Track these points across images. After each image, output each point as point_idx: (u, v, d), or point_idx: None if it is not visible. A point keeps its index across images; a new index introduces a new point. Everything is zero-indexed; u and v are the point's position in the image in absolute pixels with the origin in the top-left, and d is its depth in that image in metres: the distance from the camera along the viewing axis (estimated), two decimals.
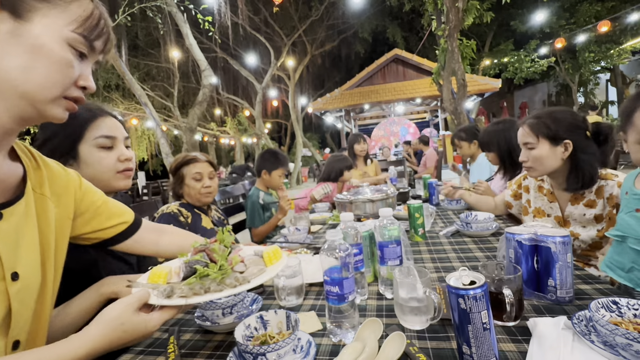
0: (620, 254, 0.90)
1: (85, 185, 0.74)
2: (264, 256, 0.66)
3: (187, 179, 1.42)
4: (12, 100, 0.48)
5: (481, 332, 0.51)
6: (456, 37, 5.99)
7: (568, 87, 12.65)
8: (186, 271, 0.61)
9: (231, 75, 14.84)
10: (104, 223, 0.75)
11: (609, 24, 8.30)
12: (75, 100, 0.54)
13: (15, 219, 0.54)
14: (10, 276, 0.51)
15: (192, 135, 7.43)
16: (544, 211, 1.28)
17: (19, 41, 0.46)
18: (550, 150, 1.12)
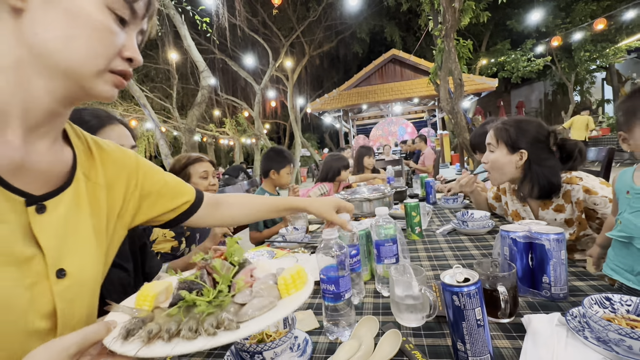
0: (626, 257, 0.89)
1: (144, 165, 0.67)
2: (279, 283, 0.48)
3: (193, 178, 1.47)
4: (54, 78, 0.43)
5: (475, 328, 0.52)
6: (453, 37, 6.02)
7: (564, 86, 12.69)
8: (175, 296, 0.46)
9: (230, 76, 14.84)
10: (169, 204, 0.69)
11: (604, 22, 8.34)
12: (122, 75, 0.49)
13: (62, 210, 0.48)
14: (55, 274, 0.46)
15: (191, 136, 7.43)
16: (519, 214, 1.30)
17: (54, 7, 0.41)
18: (506, 156, 1.18)
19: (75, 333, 0.38)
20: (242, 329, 0.39)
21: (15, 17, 0.41)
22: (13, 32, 0.41)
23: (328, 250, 0.73)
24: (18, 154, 0.44)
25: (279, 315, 0.41)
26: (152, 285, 0.49)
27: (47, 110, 0.46)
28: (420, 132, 7.70)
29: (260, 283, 0.48)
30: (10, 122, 0.43)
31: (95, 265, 0.52)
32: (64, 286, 0.47)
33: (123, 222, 0.62)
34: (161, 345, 0.37)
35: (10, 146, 0.44)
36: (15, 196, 0.43)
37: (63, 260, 0.47)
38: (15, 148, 0.44)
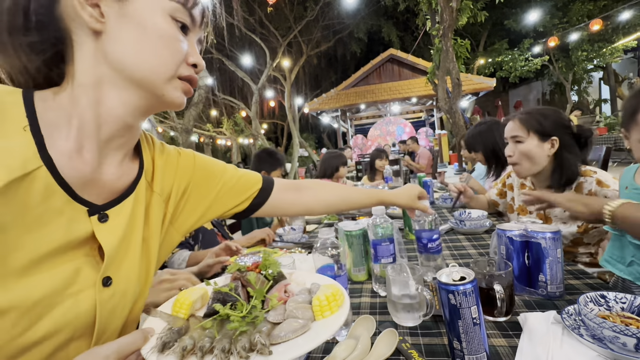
0: (620, 249, 0.90)
1: (201, 165, 0.66)
2: (313, 304, 0.45)
3: None
4: (128, 89, 0.46)
5: (471, 327, 0.52)
6: (450, 37, 6.03)
7: (562, 86, 12.74)
8: (209, 307, 0.46)
9: (227, 76, 14.81)
10: (234, 200, 0.68)
11: (601, 22, 8.38)
12: (189, 81, 0.51)
13: (122, 219, 0.49)
14: (101, 281, 0.46)
15: (188, 136, 7.41)
16: (527, 209, 1.30)
17: (126, 22, 0.44)
18: (538, 145, 1.14)
19: (115, 342, 0.39)
20: (274, 356, 0.37)
21: (95, 40, 0.44)
22: (94, 52, 0.44)
23: (325, 250, 0.73)
24: (91, 168, 0.46)
25: (312, 344, 0.39)
26: (189, 292, 0.49)
27: (121, 123, 0.48)
28: (411, 135, 7.71)
29: (294, 301, 0.47)
30: (89, 137, 0.46)
31: (138, 274, 0.52)
32: (108, 294, 0.47)
33: (178, 228, 0.61)
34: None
35: (85, 161, 0.46)
36: (80, 206, 0.45)
37: (111, 269, 0.47)
38: (89, 163, 0.46)
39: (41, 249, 0.40)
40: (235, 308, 0.44)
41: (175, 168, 0.61)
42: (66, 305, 0.42)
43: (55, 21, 0.44)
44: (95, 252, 0.47)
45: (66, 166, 0.43)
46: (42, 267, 0.41)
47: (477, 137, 1.92)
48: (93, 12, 0.43)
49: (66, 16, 0.44)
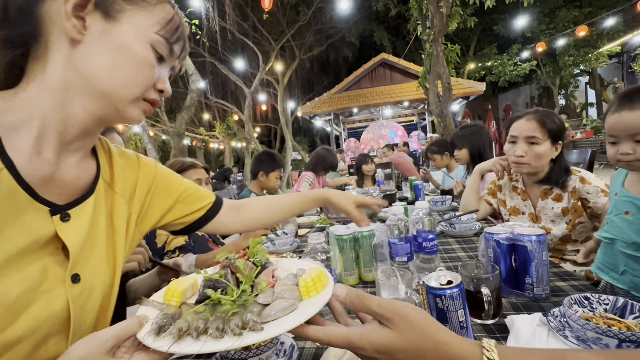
0: (611, 257, 0.91)
1: (163, 173, 0.71)
2: (300, 286, 0.47)
3: None
4: (94, 99, 0.49)
5: (458, 330, 0.52)
6: (441, 42, 6.12)
7: (549, 90, 13.01)
8: (201, 293, 0.47)
9: (219, 79, 14.77)
10: (187, 208, 0.72)
11: (586, 28, 8.61)
12: (152, 103, 0.55)
13: (84, 218, 0.51)
14: (70, 278, 0.48)
15: (180, 140, 7.34)
16: (518, 209, 1.33)
17: (108, 41, 0.47)
18: (550, 149, 1.16)
19: (112, 327, 0.41)
20: (266, 331, 0.40)
21: (71, 47, 0.46)
22: (67, 58, 0.46)
23: (315, 255, 0.73)
24: (50, 168, 0.48)
25: (300, 318, 0.41)
26: (180, 282, 0.50)
27: (82, 128, 0.50)
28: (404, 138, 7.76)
29: (281, 284, 0.49)
30: (49, 138, 0.48)
31: (105, 271, 0.54)
32: (78, 291, 0.49)
33: (140, 229, 0.65)
34: (191, 343, 0.39)
35: (45, 161, 0.48)
36: (42, 206, 0.46)
37: (78, 266, 0.50)
38: (49, 163, 0.48)
39: (8, 250, 0.42)
40: (226, 294, 0.45)
41: (136, 171, 0.65)
42: (41, 303, 0.44)
43: (35, 20, 0.45)
44: (60, 251, 0.48)
45: (26, 166, 0.45)
46: (12, 267, 0.42)
47: (468, 136, 2.00)
48: (77, 23, 0.45)
49: (48, 18, 0.45)
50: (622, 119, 0.83)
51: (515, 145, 1.19)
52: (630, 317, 0.58)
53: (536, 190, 1.26)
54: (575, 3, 11.82)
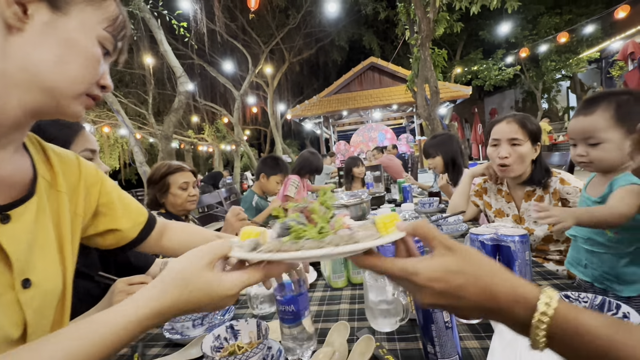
0: (577, 252, 0.95)
1: (103, 176, 0.69)
2: (376, 222, 0.47)
3: (172, 188, 1.42)
4: (31, 92, 0.46)
5: (444, 330, 0.53)
6: (428, 46, 6.22)
7: (533, 94, 13.38)
8: (280, 231, 0.46)
9: (208, 82, 14.64)
10: (120, 221, 0.69)
11: (567, 35, 8.91)
12: (93, 98, 0.53)
13: (27, 219, 0.49)
14: (21, 284, 0.46)
15: (168, 143, 7.23)
16: (503, 212, 1.36)
17: (54, 34, 0.45)
18: (530, 149, 1.20)
19: (204, 246, 0.43)
20: (362, 243, 0.39)
21: (6, 34, 0.43)
22: (2, 47, 0.42)
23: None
24: None
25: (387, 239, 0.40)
26: (251, 228, 0.48)
27: (15, 121, 0.47)
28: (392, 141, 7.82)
29: (356, 226, 0.47)
30: None
31: (57, 273, 0.53)
32: (30, 296, 0.47)
33: (83, 229, 0.64)
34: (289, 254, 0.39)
35: None
36: None
37: (28, 270, 0.47)
38: None
39: None
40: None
41: (77, 171, 0.63)
42: None
43: None
44: (2, 255, 0.45)
45: None
46: None
47: (440, 145, 2.08)
48: (18, 10, 0.42)
49: None
50: (578, 123, 0.89)
51: (499, 148, 1.22)
52: (608, 313, 0.59)
53: (520, 193, 1.30)
54: (557, 10, 12.23)
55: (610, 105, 0.83)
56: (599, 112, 0.84)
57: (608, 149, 0.83)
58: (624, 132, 0.81)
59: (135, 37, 8.13)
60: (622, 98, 0.82)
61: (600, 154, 0.84)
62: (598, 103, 0.85)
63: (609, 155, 0.83)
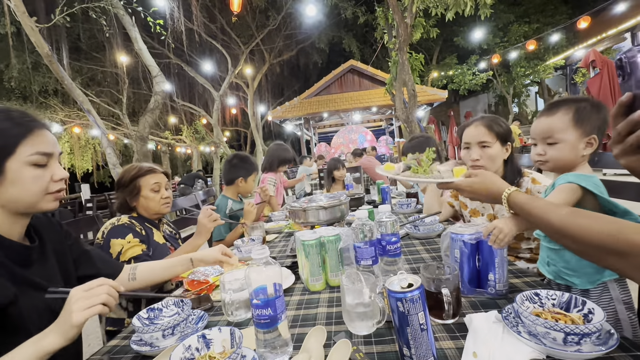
0: (542, 251, 0.99)
1: None
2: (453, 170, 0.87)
3: (144, 191, 1.34)
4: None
5: (419, 333, 0.53)
6: (406, 51, 6.35)
7: (504, 98, 13.96)
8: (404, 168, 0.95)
9: (186, 82, 14.27)
10: None
11: (535, 42, 9.38)
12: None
13: None
14: None
15: (143, 144, 6.97)
16: (478, 211, 1.39)
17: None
18: (500, 150, 1.24)
19: None
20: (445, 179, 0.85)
21: None
22: None
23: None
24: None
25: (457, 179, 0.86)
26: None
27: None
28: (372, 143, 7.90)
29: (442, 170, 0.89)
30: None
31: None
32: None
33: None
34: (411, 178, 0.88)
35: None
36: None
37: None
38: None
39: None
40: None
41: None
42: None
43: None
44: None
45: None
46: None
47: (417, 147, 2.09)
48: None
49: None
50: (540, 123, 0.95)
51: (470, 151, 1.27)
52: (574, 310, 0.61)
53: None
54: (525, 19, 12.86)
55: (570, 109, 0.88)
56: (559, 115, 0.90)
57: (563, 149, 0.89)
58: (579, 134, 0.87)
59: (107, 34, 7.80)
60: (581, 104, 0.89)
61: (556, 154, 0.90)
62: (559, 107, 0.90)
63: (563, 155, 0.89)
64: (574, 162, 0.90)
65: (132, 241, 1.22)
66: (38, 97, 11.11)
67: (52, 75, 10.05)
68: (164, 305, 0.84)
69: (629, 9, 8.83)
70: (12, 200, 0.72)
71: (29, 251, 0.78)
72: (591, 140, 0.87)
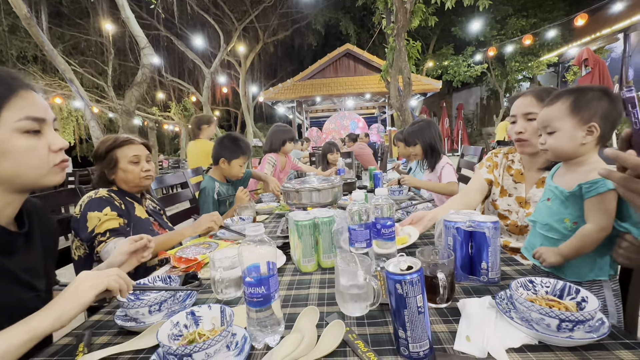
0: (534, 237, 1.00)
1: None
2: None
3: (122, 163, 1.26)
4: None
5: (416, 315, 0.52)
6: (404, 37, 6.26)
7: (497, 92, 14.04)
8: None
9: (176, 56, 13.76)
10: None
11: (531, 37, 9.37)
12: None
13: None
14: None
15: (129, 118, 6.73)
16: (506, 191, 1.29)
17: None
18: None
19: None
20: None
21: None
22: None
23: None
24: None
25: None
26: None
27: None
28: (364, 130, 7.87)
29: None
30: None
31: None
32: None
33: None
34: None
35: None
36: None
37: None
38: None
39: None
40: None
41: None
42: None
43: None
44: None
45: None
46: None
47: (418, 132, 2.10)
48: None
49: None
50: (542, 113, 0.91)
51: (516, 125, 1.16)
52: (567, 297, 0.62)
53: (535, 176, 1.22)
54: (523, 13, 12.80)
55: (569, 98, 0.86)
56: (558, 104, 0.87)
57: (560, 137, 0.86)
58: (576, 122, 0.84)
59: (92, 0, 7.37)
60: (583, 92, 0.85)
61: (554, 142, 0.87)
62: (560, 96, 0.88)
63: (561, 143, 0.86)
64: (575, 152, 0.86)
65: (110, 214, 1.16)
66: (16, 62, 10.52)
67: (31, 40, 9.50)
68: (151, 282, 0.81)
69: (625, 9, 8.89)
70: (9, 177, 0.64)
71: (14, 237, 0.70)
72: (591, 128, 0.83)
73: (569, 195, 0.84)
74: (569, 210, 0.85)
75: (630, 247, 0.71)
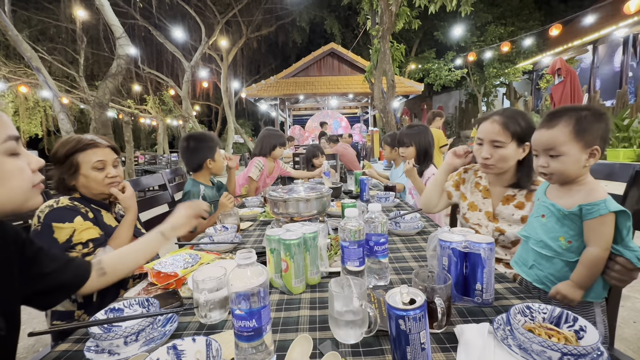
0: (526, 252, 1.00)
1: None
2: None
3: (83, 169, 1.12)
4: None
5: (419, 352, 0.49)
6: (388, 39, 6.30)
7: (475, 97, 14.49)
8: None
9: (154, 48, 13.25)
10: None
11: (509, 45, 9.73)
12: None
13: None
14: None
15: (102, 111, 6.40)
16: (476, 206, 1.32)
17: None
18: (515, 150, 1.14)
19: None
20: None
21: None
22: None
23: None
24: None
25: None
26: None
27: None
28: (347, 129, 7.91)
29: None
30: None
31: None
32: None
33: None
34: None
35: None
36: None
37: None
38: None
39: None
40: None
41: None
42: None
43: None
44: None
45: None
46: None
47: (415, 135, 2.12)
48: None
49: None
50: (541, 135, 0.92)
51: (482, 148, 1.18)
52: (564, 326, 0.61)
53: (499, 193, 1.26)
54: (502, 21, 13.27)
55: (570, 120, 0.86)
56: (559, 127, 0.87)
57: (566, 162, 0.87)
58: (581, 147, 0.85)
59: None
60: (582, 114, 0.86)
61: (559, 166, 0.88)
62: (560, 117, 0.88)
63: (567, 168, 0.87)
64: (578, 174, 0.88)
65: (84, 224, 1.07)
66: None
67: None
68: (127, 306, 0.75)
69: (595, 22, 9.38)
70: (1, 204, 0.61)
71: None
72: (594, 151, 0.85)
73: (567, 214, 0.85)
74: (565, 229, 0.86)
75: (622, 270, 0.72)
